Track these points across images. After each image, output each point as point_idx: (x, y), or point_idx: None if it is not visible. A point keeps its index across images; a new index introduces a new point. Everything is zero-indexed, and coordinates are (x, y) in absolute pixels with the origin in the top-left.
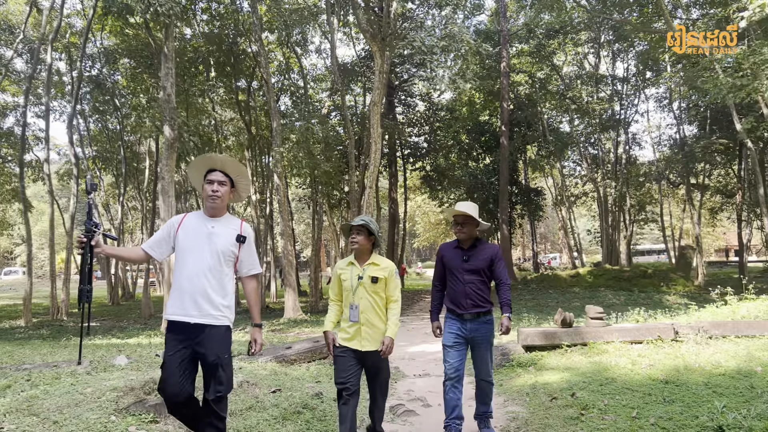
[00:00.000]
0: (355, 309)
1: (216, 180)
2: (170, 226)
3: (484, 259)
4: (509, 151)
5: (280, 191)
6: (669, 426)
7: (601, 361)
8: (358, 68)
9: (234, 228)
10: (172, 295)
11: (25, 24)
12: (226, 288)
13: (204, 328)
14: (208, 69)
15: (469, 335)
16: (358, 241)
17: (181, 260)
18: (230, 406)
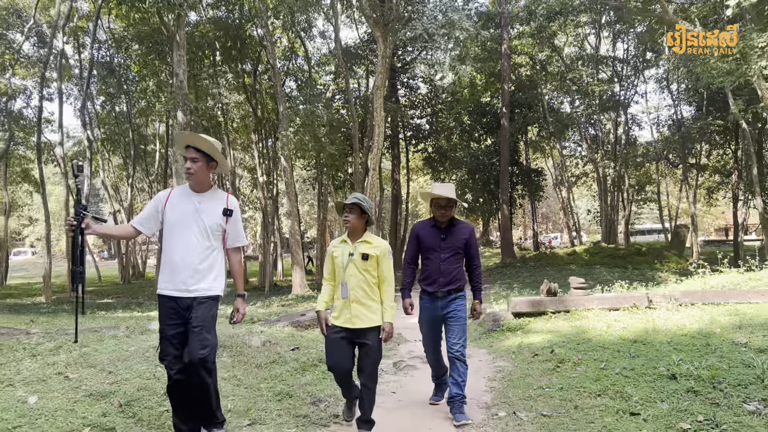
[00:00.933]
0: (345, 286)
1: (189, 157)
2: (157, 201)
3: (461, 239)
4: (510, 133)
5: (287, 173)
6: (630, 375)
7: (580, 325)
8: (361, 51)
9: (220, 202)
10: (163, 270)
11: (35, 9)
12: (213, 261)
13: (194, 300)
14: (215, 53)
15: (442, 312)
16: (350, 220)
17: (169, 235)
18: (257, 360)
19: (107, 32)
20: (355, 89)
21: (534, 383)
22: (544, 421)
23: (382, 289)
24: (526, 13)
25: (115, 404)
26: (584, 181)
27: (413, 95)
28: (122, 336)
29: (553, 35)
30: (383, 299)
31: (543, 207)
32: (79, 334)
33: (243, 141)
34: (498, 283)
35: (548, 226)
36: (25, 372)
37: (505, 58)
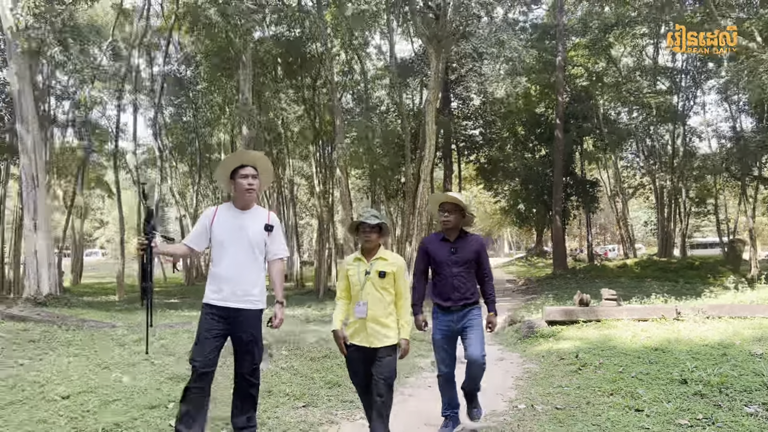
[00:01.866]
0: (363, 305)
1: (250, 174)
2: (205, 219)
3: (472, 251)
4: (564, 143)
5: (342, 183)
6: (645, 378)
7: (608, 334)
8: (415, 65)
9: (263, 218)
10: (211, 282)
11: (113, 27)
12: (258, 274)
13: (240, 312)
14: (277, 68)
15: (457, 325)
16: (372, 239)
17: (217, 251)
18: (311, 354)
19: (177, 48)
20: (408, 102)
21: (555, 382)
22: (557, 413)
23: (398, 305)
24: (581, 26)
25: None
26: (641, 193)
27: (466, 107)
28: (194, 330)
29: (609, 46)
30: (400, 315)
31: (601, 218)
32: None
33: (301, 151)
34: (545, 293)
35: (606, 237)
36: (117, 358)
37: (560, 69)
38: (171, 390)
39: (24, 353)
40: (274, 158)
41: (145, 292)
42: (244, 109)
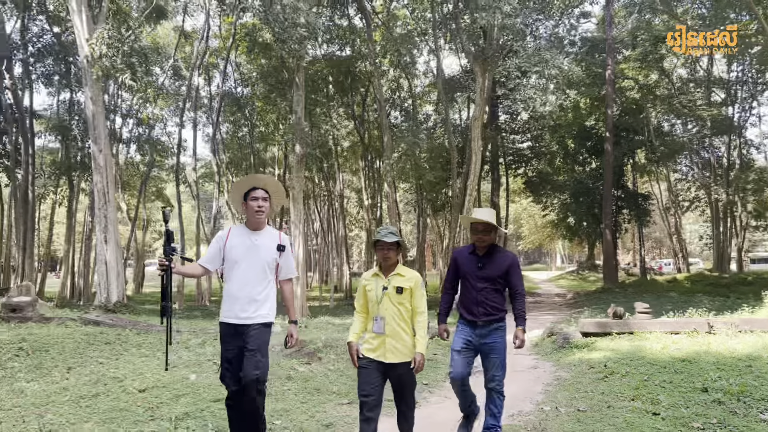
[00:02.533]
0: (381, 321)
1: (260, 197)
2: (219, 240)
3: (500, 268)
4: (615, 157)
5: (390, 197)
6: (667, 386)
7: (639, 345)
8: (462, 81)
9: (274, 238)
10: (225, 301)
11: (175, 49)
12: (270, 292)
13: (250, 327)
14: (328, 86)
15: (479, 342)
16: (391, 257)
17: (230, 270)
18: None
19: (233, 67)
20: (456, 116)
21: (581, 388)
22: (579, 414)
23: (414, 320)
24: (631, 39)
25: None
26: (696, 207)
27: (514, 121)
28: None
29: (661, 59)
30: (416, 330)
31: (656, 231)
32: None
33: (351, 165)
34: (592, 307)
35: (662, 251)
36: (184, 358)
37: (609, 83)
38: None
39: (101, 353)
40: (325, 173)
41: (164, 310)
42: (297, 128)
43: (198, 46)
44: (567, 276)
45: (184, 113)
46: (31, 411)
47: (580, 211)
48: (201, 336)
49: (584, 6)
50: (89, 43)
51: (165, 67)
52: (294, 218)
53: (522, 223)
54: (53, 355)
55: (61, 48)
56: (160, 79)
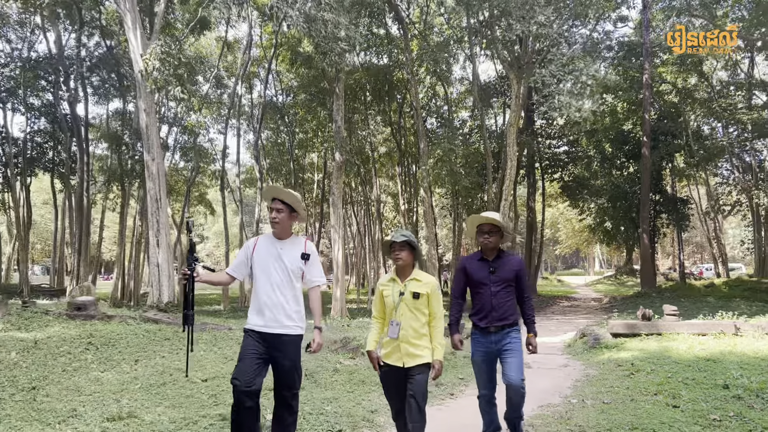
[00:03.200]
0: (397, 326)
1: (275, 208)
2: (246, 249)
3: (511, 270)
4: (652, 161)
5: (425, 202)
6: (690, 383)
7: (666, 346)
8: (498, 86)
9: (299, 247)
10: (252, 309)
11: (219, 59)
12: (297, 300)
13: (281, 337)
14: (366, 94)
15: (496, 347)
16: (402, 257)
17: (258, 278)
18: None
19: (274, 76)
20: (491, 122)
21: (608, 384)
22: (603, 406)
23: (431, 325)
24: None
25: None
26: (738, 211)
27: (550, 126)
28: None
29: (700, 62)
30: (433, 336)
31: (698, 236)
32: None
33: (387, 170)
34: (627, 311)
35: (703, 256)
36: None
37: (647, 87)
38: None
39: (163, 348)
40: (362, 178)
41: (186, 319)
42: (337, 137)
43: (241, 56)
44: (605, 281)
45: (228, 121)
46: (108, 396)
47: (618, 216)
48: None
49: (621, 10)
50: (143, 58)
51: (209, 77)
52: (334, 222)
53: (559, 227)
54: (120, 349)
55: (114, 60)
56: (203, 88)
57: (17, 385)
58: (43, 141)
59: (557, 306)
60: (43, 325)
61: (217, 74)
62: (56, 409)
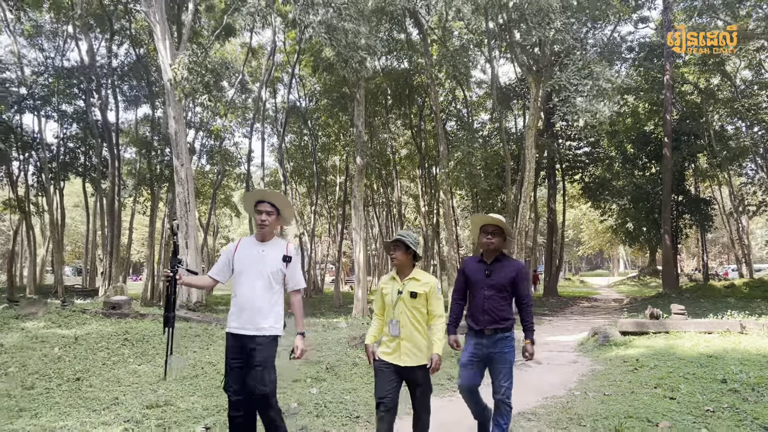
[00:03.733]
0: (395, 324)
1: (264, 210)
2: (228, 253)
3: (507, 276)
4: (674, 161)
5: (445, 204)
6: (690, 377)
7: (672, 343)
8: (517, 89)
9: (281, 249)
10: (232, 311)
11: (243, 65)
12: (275, 302)
13: (254, 338)
14: (386, 99)
15: (486, 352)
16: (396, 256)
17: (237, 280)
18: None
19: (297, 80)
20: (511, 124)
21: (612, 378)
22: (604, 398)
23: (432, 323)
24: None
25: (323, 367)
26: (763, 211)
27: (570, 128)
28: (320, 330)
29: (722, 62)
30: (433, 332)
31: (724, 236)
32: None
33: (408, 172)
34: (641, 312)
35: (729, 256)
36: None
37: (668, 88)
38: (309, 370)
39: (194, 344)
40: (383, 180)
41: (167, 321)
42: (358, 141)
43: (265, 62)
44: (628, 281)
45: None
46: (146, 386)
47: (640, 217)
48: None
49: (642, 11)
50: (172, 68)
51: (233, 82)
52: (355, 225)
53: (582, 228)
54: (154, 344)
55: (143, 68)
56: (228, 93)
57: (63, 376)
58: (75, 146)
59: (577, 306)
60: (81, 322)
61: (242, 80)
62: (99, 397)
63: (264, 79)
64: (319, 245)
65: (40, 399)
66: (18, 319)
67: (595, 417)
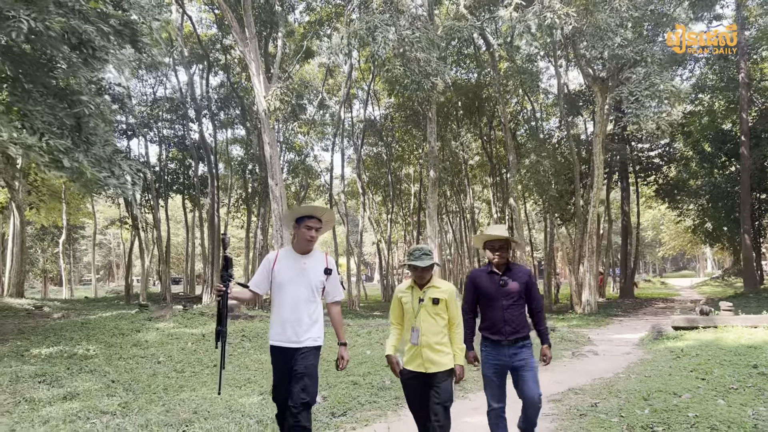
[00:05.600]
0: (416, 332)
1: (314, 227)
2: (267, 264)
3: (521, 282)
4: (753, 159)
5: (515, 211)
6: (726, 363)
7: (719, 336)
8: (586, 94)
9: (321, 262)
10: (274, 323)
11: (323, 85)
12: (318, 314)
13: (300, 350)
14: (458, 111)
15: (509, 361)
16: (425, 276)
17: (279, 293)
18: None
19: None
20: (581, 128)
21: (655, 365)
22: (644, 378)
23: (452, 331)
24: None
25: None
26: None
27: (640, 131)
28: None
29: None
30: (454, 341)
31: None
32: (369, 332)
33: (480, 178)
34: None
35: None
36: (360, 341)
37: (743, 86)
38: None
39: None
40: (456, 188)
41: (219, 335)
42: (431, 156)
43: (343, 85)
44: (711, 282)
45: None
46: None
47: (719, 216)
48: (366, 328)
49: (715, 10)
50: (266, 99)
51: (312, 99)
52: (429, 233)
53: (662, 228)
54: (266, 340)
55: (237, 97)
56: (308, 110)
57: (202, 363)
58: (176, 168)
59: (651, 307)
60: (202, 323)
61: (321, 100)
62: (236, 378)
63: (342, 99)
64: (396, 252)
65: (192, 379)
66: (151, 321)
67: (630, 391)
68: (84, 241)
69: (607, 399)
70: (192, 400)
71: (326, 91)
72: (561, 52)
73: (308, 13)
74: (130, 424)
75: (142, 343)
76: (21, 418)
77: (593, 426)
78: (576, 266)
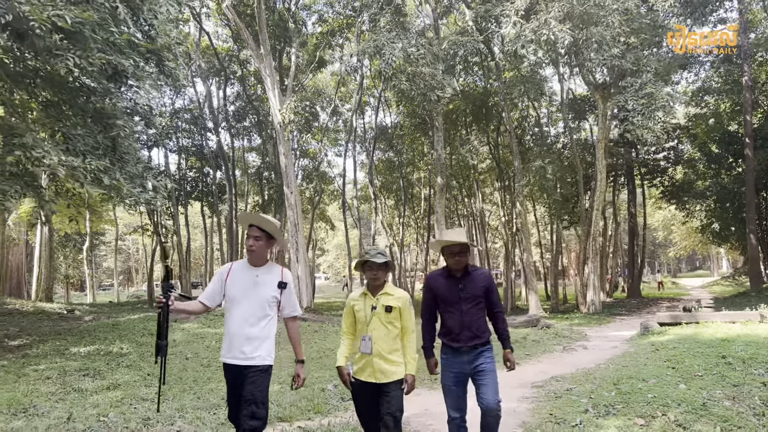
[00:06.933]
0: (368, 340)
1: (252, 235)
2: (220, 276)
3: (480, 287)
4: (758, 161)
5: (522, 215)
6: (698, 354)
7: (698, 331)
8: (589, 99)
9: (276, 275)
10: (225, 339)
11: (335, 94)
12: (269, 331)
13: (248, 369)
14: (466, 118)
15: (469, 368)
16: (380, 277)
17: (230, 307)
18: None
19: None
20: (586, 133)
21: (636, 357)
22: (621, 367)
23: (404, 340)
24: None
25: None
26: None
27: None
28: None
29: None
30: (406, 351)
31: None
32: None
33: (489, 182)
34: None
35: None
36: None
37: (747, 89)
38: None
39: (315, 336)
40: (465, 192)
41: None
42: (438, 163)
43: (355, 94)
44: (722, 282)
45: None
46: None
47: (727, 217)
48: None
49: (719, 13)
50: (281, 112)
51: (325, 106)
52: (438, 237)
53: (672, 229)
54: (305, 339)
55: (253, 108)
56: (321, 117)
57: None
58: (195, 176)
59: (656, 307)
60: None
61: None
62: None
63: (354, 107)
64: (408, 254)
65: (218, 372)
66: (176, 322)
67: (604, 378)
68: (104, 248)
69: (583, 384)
70: (219, 390)
71: (339, 98)
72: (564, 60)
73: (320, 24)
74: (167, 408)
75: (170, 342)
76: (73, 404)
77: (565, 405)
78: (581, 267)
